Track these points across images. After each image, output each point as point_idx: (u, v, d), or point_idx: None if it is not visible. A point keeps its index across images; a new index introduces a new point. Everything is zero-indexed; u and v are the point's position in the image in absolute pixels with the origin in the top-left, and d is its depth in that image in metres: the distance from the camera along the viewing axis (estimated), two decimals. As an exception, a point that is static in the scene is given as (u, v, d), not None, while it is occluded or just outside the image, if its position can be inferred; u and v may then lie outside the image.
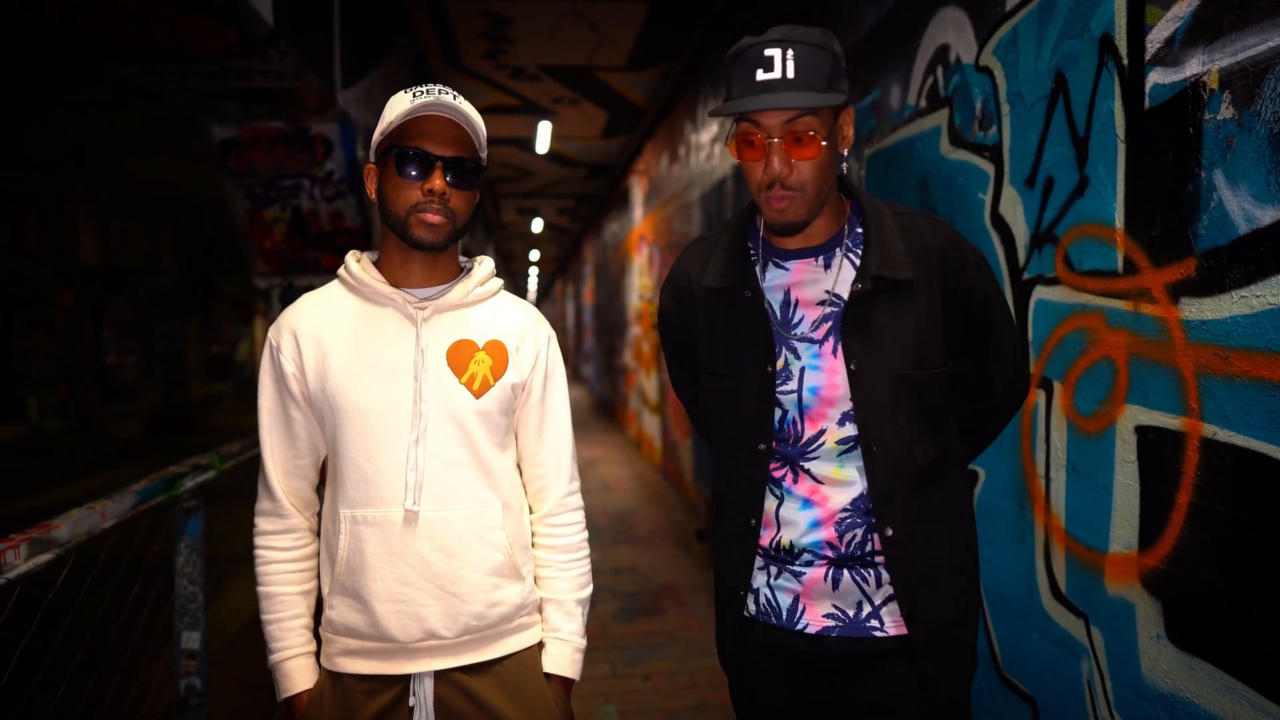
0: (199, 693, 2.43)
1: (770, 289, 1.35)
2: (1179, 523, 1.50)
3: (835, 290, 1.31)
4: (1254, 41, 1.31)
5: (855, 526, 1.30)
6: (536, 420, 1.45)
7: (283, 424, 1.38)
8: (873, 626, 1.31)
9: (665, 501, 6.73)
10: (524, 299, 1.51)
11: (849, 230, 1.34)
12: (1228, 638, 1.40)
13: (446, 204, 1.30)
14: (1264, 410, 1.32)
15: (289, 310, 1.40)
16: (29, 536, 1.64)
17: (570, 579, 1.45)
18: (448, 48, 6.01)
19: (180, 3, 2.30)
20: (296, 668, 1.37)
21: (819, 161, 1.23)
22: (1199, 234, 1.44)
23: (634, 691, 3.26)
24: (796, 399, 1.31)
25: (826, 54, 1.21)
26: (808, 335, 1.31)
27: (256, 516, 1.41)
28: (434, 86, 1.32)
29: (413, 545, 1.32)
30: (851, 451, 1.30)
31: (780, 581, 1.35)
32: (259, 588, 1.39)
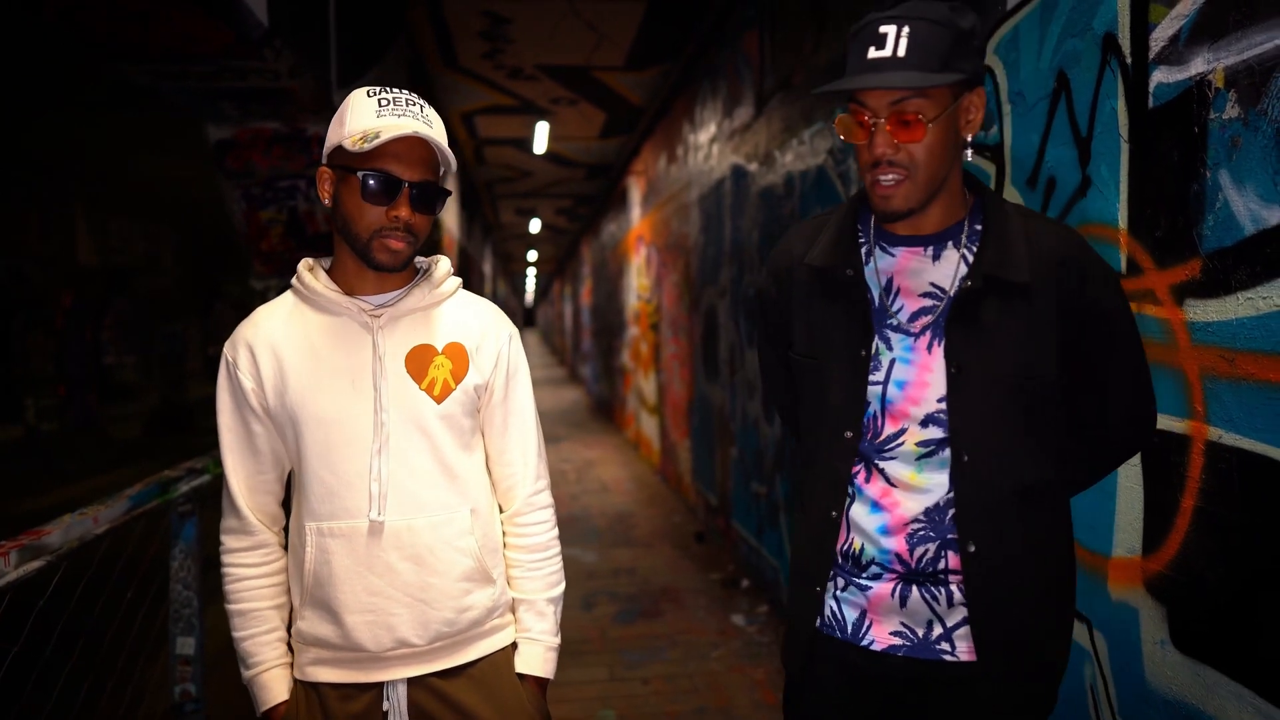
0: (194, 698, 2.41)
1: (874, 273, 1.28)
2: (1183, 527, 1.49)
3: (940, 284, 1.24)
4: (1260, 39, 1.29)
5: (928, 540, 1.22)
6: (501, 420, 1.43)
7: (244, 440, 1.35)
8: (942, 650, 1.24)
9: (664, 503, 6.71)
10: (486, 297, 1.48)
11: (968, 226, 1.26)
12: (1234, 644, 1.39)
13: (411, 229, 1.27)
14: (1270, 414, 1.30)
15: (243, 324, 1.37)
16: (19, 543, 1.62)
17: (540, 578, 1.45)
18: (445, 47, 5.99)
19: (176, 1, 2.28)
20: (273, 679, 1.36)
21: (928, 144, 1.15)
22: (1204, 235, 1.42)
23: (633, 695, 3.24)
24: (881, 391, 1.25)
25: (947, 30, 1.13)
26: (904, 326, 1.24)
27: (223, 535, 1.39)
28: (399, 95, 1.28)
29: (380, 555, 1.30)
30: (931, 456, 1.22)
31: (847, 594, 1.28)
32: (229, 605, 1.37)
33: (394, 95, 1.27)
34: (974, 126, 1.21)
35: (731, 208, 4.92)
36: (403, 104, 1.26)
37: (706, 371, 5.67)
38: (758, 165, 4.34)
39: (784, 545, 3.95)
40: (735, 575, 4.69)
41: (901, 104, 1.14)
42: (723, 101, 5.08)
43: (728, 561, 4.98)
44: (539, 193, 12.55)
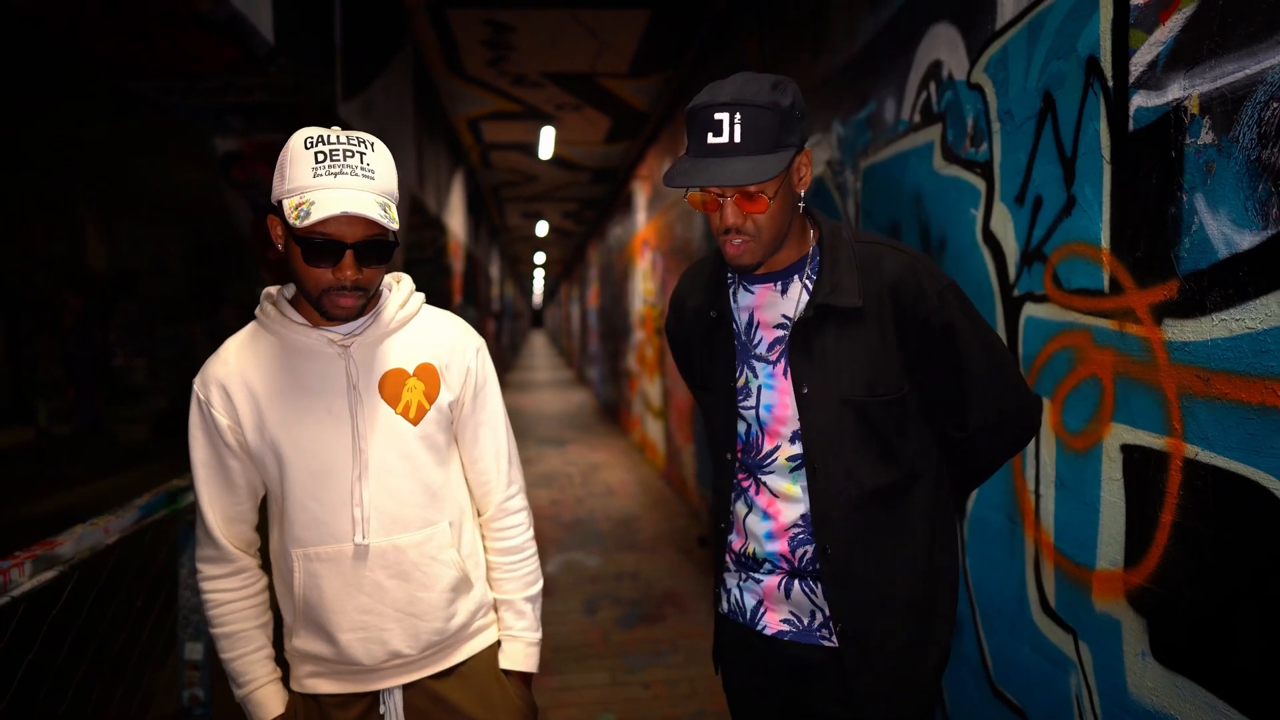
0: (202, 703, 2.46)
1: (738, 310, 1.44)
2: (1163, 542, 1.52)
3: (789, 314, 1.39)
4: (1232, 69, 1.33)
5: (806, 542, 1.38)
6: (472, 431, 1.48)
7: (219, 474, 1.37)
8: (822, 636, 1.39)
9: (668, 507, 6.75)
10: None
11: (811, 258, 1.40)
12: (1210, 657, 1.42)
13: (359, 285, 1.25)
14: (1243, 433, 1.33)
15: (213, 361, 1.38)
16: (33, 554, 1.67)
17: (517, 579, 1.52)
18: (450, 55, 6.05)
19: (182, 21, 2.33)
20: (267, 695, 1.40)
21: (770, 212, 1.30)
22: (1181, 256, 1.46)
23: (634, 699, 3.28)
24: (755, 414, 1.41)
25: (774, 114, 1.24)
26: (764, 356, 1.40)
27: (199, 563, 1.41)
28: (337, 146, 1.20)
29: (368, 575, 1.35)
30: (800, 469, 1.38)
31: (747, 585, 1.46)
32: (214, 629, 1.40)
33: (331, 147, 1.21)
34: (805, 183, 1.35)
35: (733, 215, 4.95)
36: (340, 158, 1.20)
37: (709, 376, 5.70)
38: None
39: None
40: (737, 580, 4.72)
41: (745, 185, 1.26)
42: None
43: (729, 566, 5.01)
44: (545, 196, 12.60)
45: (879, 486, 1.35)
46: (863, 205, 2.95)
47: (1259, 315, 1.29)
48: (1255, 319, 1.30)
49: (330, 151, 1.21)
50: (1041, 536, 1.91)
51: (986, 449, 1.45)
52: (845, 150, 3.10)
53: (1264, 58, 1.27)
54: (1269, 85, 1.26)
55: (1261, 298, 1.29)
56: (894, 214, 2.66)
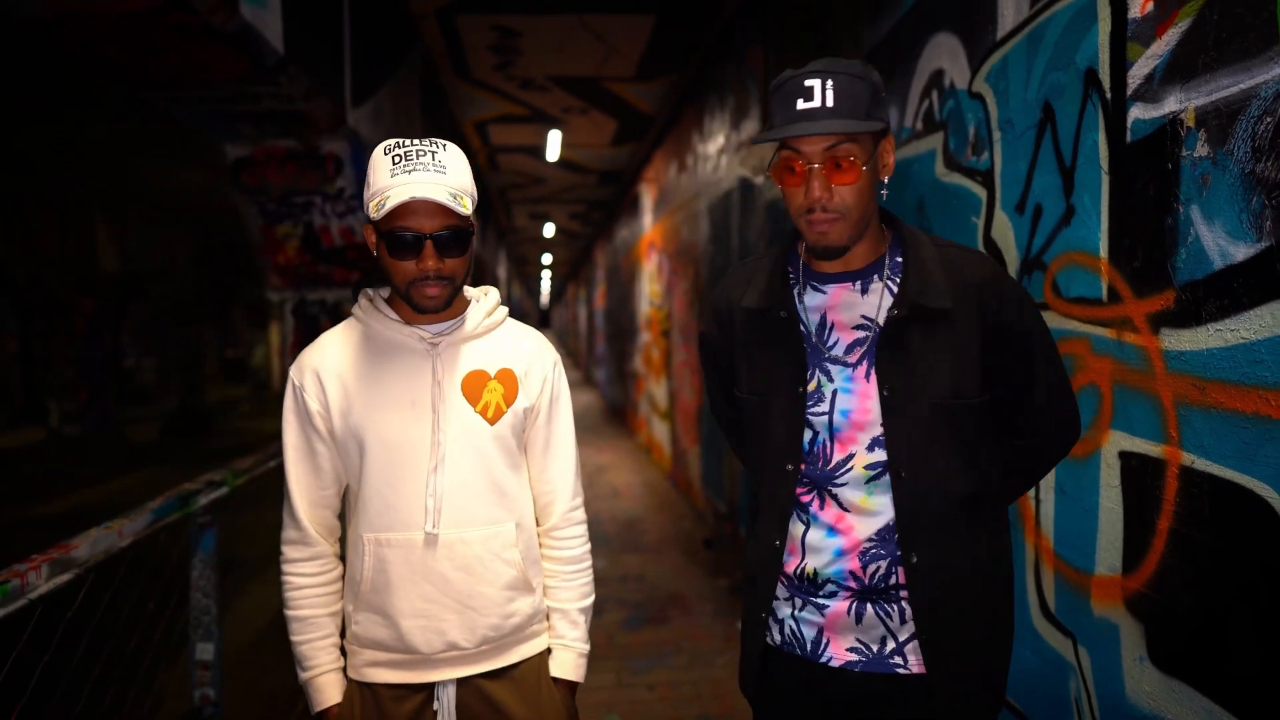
0: (213, 702, 2.50)
1: (807, 311, 1.36)
2: (1160, 548, 1.54)
3: (870, 315, 1.32)
4: (1227, 83, 1.35)
5: (880, 558, 1.29)
6: (543, 440, 1.54)
7: (308, 458, 1.45)
8: (895, 663, 1.30)
9: (673, 509, 6.77)
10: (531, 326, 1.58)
11: (889, 259, 1.35)
12: (1206, 662, 1.44)
13: (442, 274, 1.36)
14: (1238, 441, 1.35)
15: (310, 350, 1.48)
16: (50, 557, 1.71)
17: (574, 589, 1.56)
18: (457, 60, 6.09)
19: (194, 33, 2.37)
20: (328, 683, 1.47)
21: (859, 186, 1.24)
22: (1177, 267, 1.48)
23: (638, 701, 3.31)
24: (827, 421, 1.32)
25: (865, 83, 1.23)
26: (841, 358, 1.32)
27: (283, 545, 1.48)
28: (412, 148, 1.34)
29: (434, 565, 1.41)
30: (879, 478, 1.29)
31: (805, 614, 1.35)
32: (288, 611, 1.47)
33: (407, 149, 1.35)
34: (889, 169, 1.31)
35: (739, 219, 4.98)
36: (413, 157, 1.33)
37: (715, 379, 5.72)
38: (764, 179, 4.40)
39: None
40: (742, 582, 4.74)
41: (834, 149, 1.23)
42: (730, 114, 5.15)
43: (735, 568, 5.03)
44: (552, 198, 12.64)
45: (965, 495, 1.29)
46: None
47: (1254, 326, 1.31)
48: (1250, 329, 1.32)
49: (405, 154, 1.34)
50: (1041, 542, 1.93)
51: (1043, 456, 1.43)
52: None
53: (1257, 73, 1.29)
54: (1262, 100, 1.28)
55: (1256, 308, 1.31)
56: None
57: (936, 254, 1.31)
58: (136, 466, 8.98)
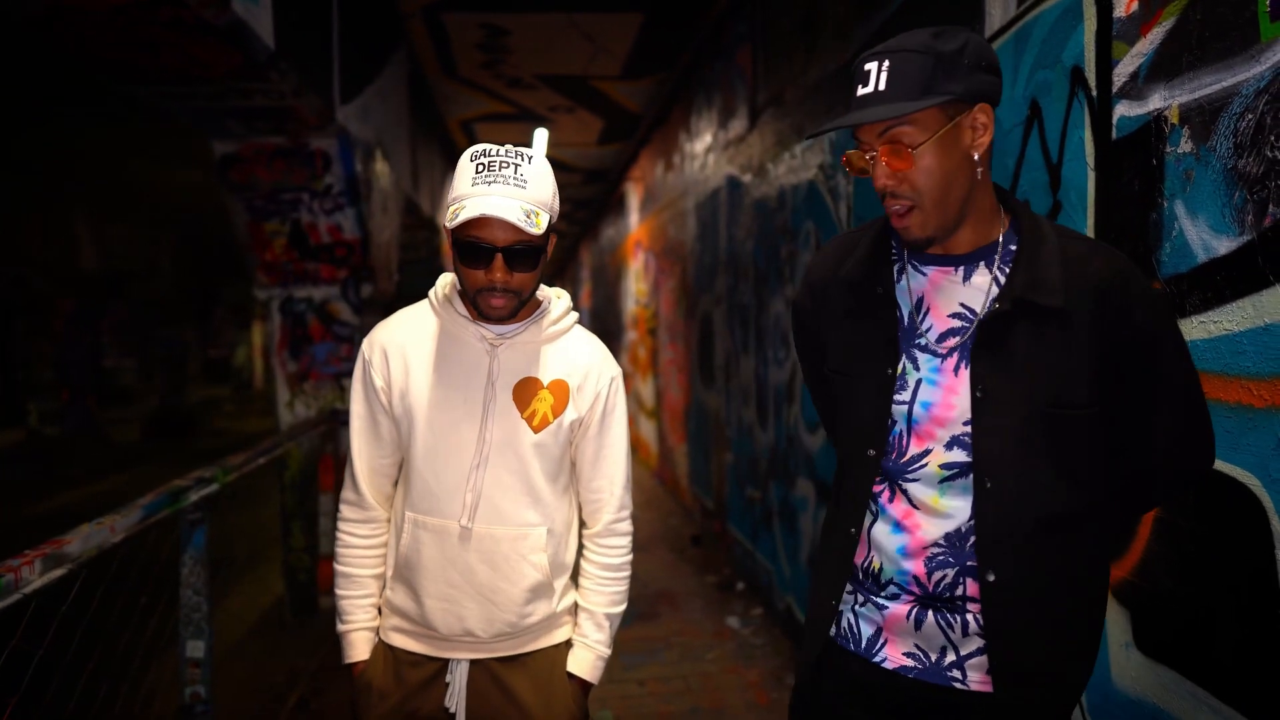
0: (204, 700, 2.49)
1: (904, 291, 1.27)
2: (1145, 536, 1.57)
3: (970, 305, 1.21)
4: (1209, 81, 1.38)
5: (946, 565, 1.20)
6: (593, 451, 1.56)
7: (371, 427, 1.52)
8: (953, 677, 1.21)
9: (661, 506, 6.79)
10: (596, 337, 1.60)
11: (1002, 246, 1.22)
12: (1190, 647, 1.47)
13: (509, 287, 1.38)
14: (1220, 430, 1.38)
15: (382, 326, 1.54)
16: (42, 552, 1.70)
17: (606, 594, 1.59)
18: (445, 58, 6.08)
19: (187, 29, 2.36)
20: (361, 639, 1.56)
21: (925, 168, 1.14)
22: (1162, 260, 1.51)
23: (630, 696, 3.33)
24: (907, 411, 1.22)
25: (926, 56, 1.12)
26: (931, 346, 1.22)
27: (341, 505, 1.57)
28: (495, 158, 1.34)
29: (463, 555, 1.47)
30: (954, 480, 1.19)
31: (865, 610, 1.28)
32: (337, 565, 1.56)
33: (490, 159, 1.35)
34: (979, 145, 1.17)
35: (727, 217, 5.01)
36: (496, 168, 1.34)
37: (703, 377, 5.76)
38: (751, 177, 4.43)
39: (778, 550, 4.03)
40: (730, 578, 4.77)
41: (888, 134, 1.14)
42: (718, 113, 5.17)
43: (723, 565, 5.06)
44: (537, 197, 12.61)
45: (1059, 513, 1.16)
46: (855, 209, 3.00)
47: (1236, 317, 1.35)
48: (1233, 321, 1.35)
49: (489, 163, 1.35)
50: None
51: (1155, 487, 1.28)
52: (837, 154, 3.14)
53: (1239, 71, 1.32)
54: (1244, 97, 1.31)
55: (1239, 300, 1.34)
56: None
57: (1058, 245, 1.18)
58: (119, 468, 8.90)
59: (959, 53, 1.13)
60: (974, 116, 1.15)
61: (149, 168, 10.15)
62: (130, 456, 9.76)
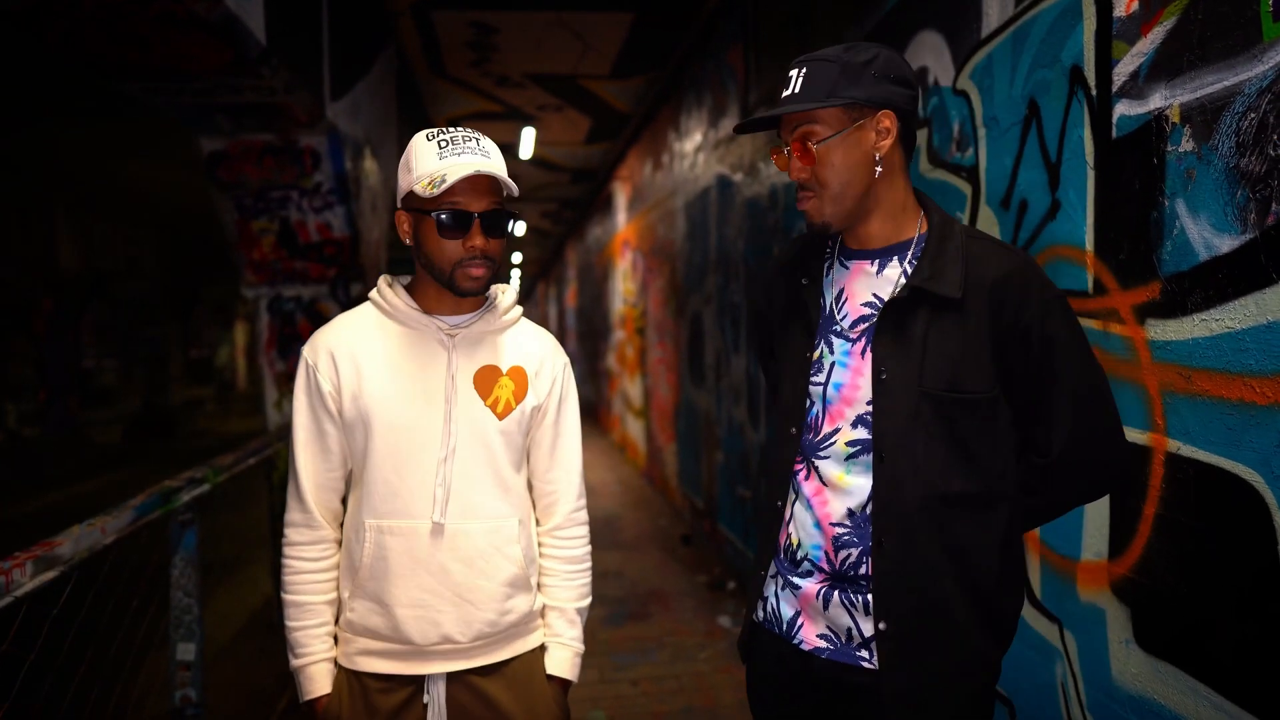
0: (194, 703, 2.46)
1: (829, 283, 1.39)
2: (1146, 533, 1.58)
3: (880, 294, 1.32)
4: (1211, 80, 1.39)
5: (851, 545, 1.28)
6: (550, 440, 1.54)
7: (317, 439, 1.45)
8: (861, 657, 1.28)
9: (650, 506, 6.78)
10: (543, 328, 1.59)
11: (915, 244, 1.32)
12: (1192, 643, 1.48)
13: (488, 254, 1.38)
14: (1223, 427, 1.40)
15: (325, 330, 1.48)
16: (34, 554, 1.67)
17: (573, 588, 1.56)
18: (433, 57, 6.04)
19: (179, 24, 2.33)
20: (320, 672, 1.45)
21: (828, 162, 1.26)
22: (1163, 259, 1.52)
23: (622, 696, 3.32)
24: (822, 391, 1.34)
25: (834, 65, 1.25)
26: (845, 332, 1.34)
27: (286, 528, 1.48)
28: (456, 134, 1.38)
29: (435, 555, 1.41)
30: (858, 457, 1.28)
31: (785, 593, 1.37)
32: (285, 595, 1.46)
33: (451, 135, 1.37)
34: (883, 147, 1.27)
35: (717, 216, 5.01)
36: (460, 142, 1.37)
37: (693, 376, 5.75)
38: (742, 176, 4.43)
39: (769, 548, 4.03)
40: (721, 577, 4.77)
41: (798, 131, 1.28)
42: (708, 111, 5.17)
43: (714, 564, 5.06)
44: (524, 196, 12.59)
45: (950, 493, 1.23)
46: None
47: (1238, 315, 1.36)
48: (1235, 319, 1.36)
49: (451, 139, 1.37)
50: (1027, 530, 1.97)
51: (1063, 485, 1.30)
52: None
53: (1242, 70, 1.33)
54: (1247, 96, 1.32)
55: (1241, 298, 1.35)
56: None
57: (963, 243, 1.28)
58: (100, 469, 8.79)
59: (866, 64, 1.26)
60: (878, 120, 1.27)
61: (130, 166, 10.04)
62: (111, 458, 9.64)
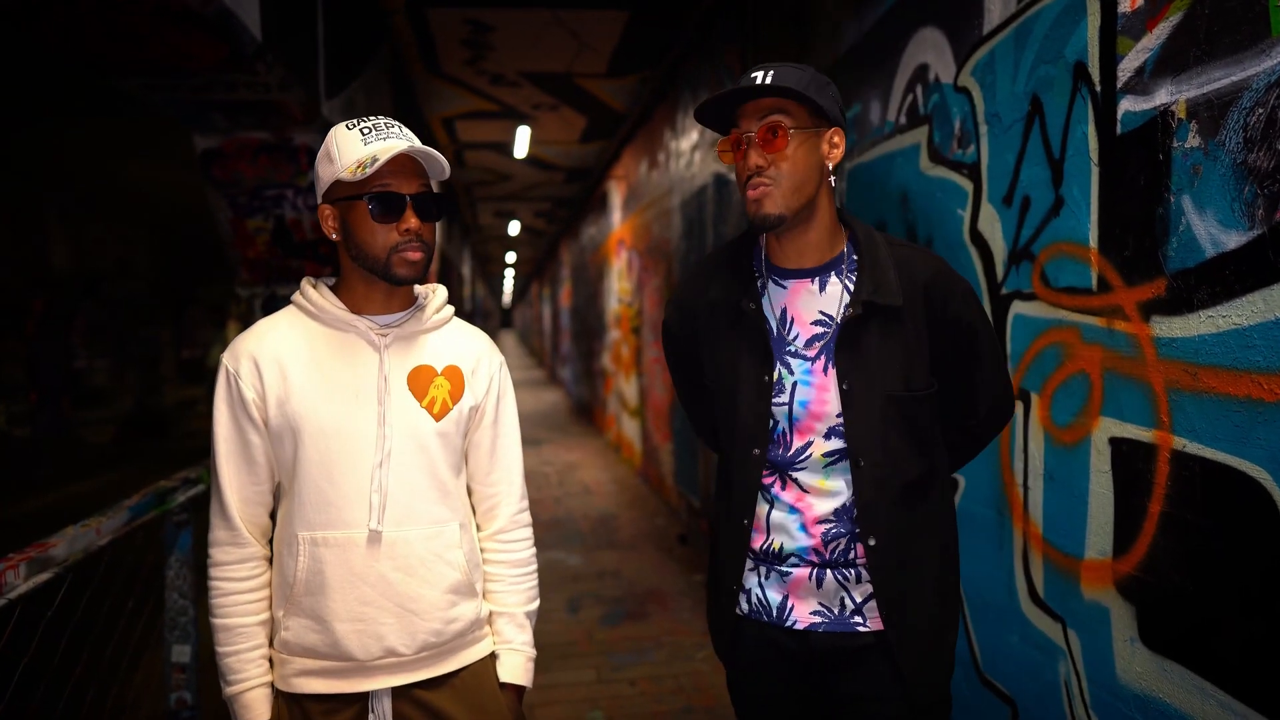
0: (189, 705, 2.43)
1: (769, 305, 1.44)
2: (1151, 531, 1.57)
3: (828, 311, 1.40)
4: (1218, 75, 1.38)
5: (839, 536, 1.39)
6: (490, 442, 1.50)
7: (240, 450, 1.37)
8: (856, 622, 1.40)
9: (646, 505, 6.77)
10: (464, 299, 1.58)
11: (846, 257, 1.42)
12: (1197, 641, 1.47)
13: (422, 238, 1.34)
14: (1230, 425, 1.39)
15: (245, 337, 1.40)
16: (28, 556, 1.65)
17: (521, 592, 1.52)
18: (428, 55, 6.01)
19: (173, 18, 2.31)
20: (257, 699, 1.37)
21: (792, 155, 1.31)
22: (1168, 255, 1.51)
23: (620, 696, 3.30)
24: (787, 411, 1.40)
25: (805, 71, 1.32)
26: (801, 352, 1.40)
27: (211, 548, 1.39)
28: (377, 121, 1.35)
29: (374, 565, 1.35)
30: (838, 464, 1.39)
31: (770, 581, 1.44)
32: (214, 619, 1.38)
33: (373, 123, 1.34)
34: (835, 157, 1.37)
35: (714, 215, 5.00)
36: (383, 128, 1.34)
37: (688, 376, 5.74)
38: (739, 174, 4.42)
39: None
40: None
41: (768, 119, 1.30)
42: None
43: (711, 563, 5.05)
44: (518, 196, 12.56)
45: (915, 478, 1.39)
46: (847, 206, 3.00)
47: (1245, 312, 1.35)
48: (1242, 315, 1.36)
49: (374, 126, 1.34)
50: (1030, 529, 1.96)
51: (985, 434, 1.54)
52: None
53: (1249, 65, 1.32)
54: (1254, 91, 1.31)
55: (1248, 295, 1.34)
56: (879, 214, 2.71)
57: (889, 253, 1.39)
58: (93, 470, 8.74)
59: (826, 85, 1.36)
60: (832, 134, 1.36)
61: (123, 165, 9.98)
62: (104, 459, 9.59)
